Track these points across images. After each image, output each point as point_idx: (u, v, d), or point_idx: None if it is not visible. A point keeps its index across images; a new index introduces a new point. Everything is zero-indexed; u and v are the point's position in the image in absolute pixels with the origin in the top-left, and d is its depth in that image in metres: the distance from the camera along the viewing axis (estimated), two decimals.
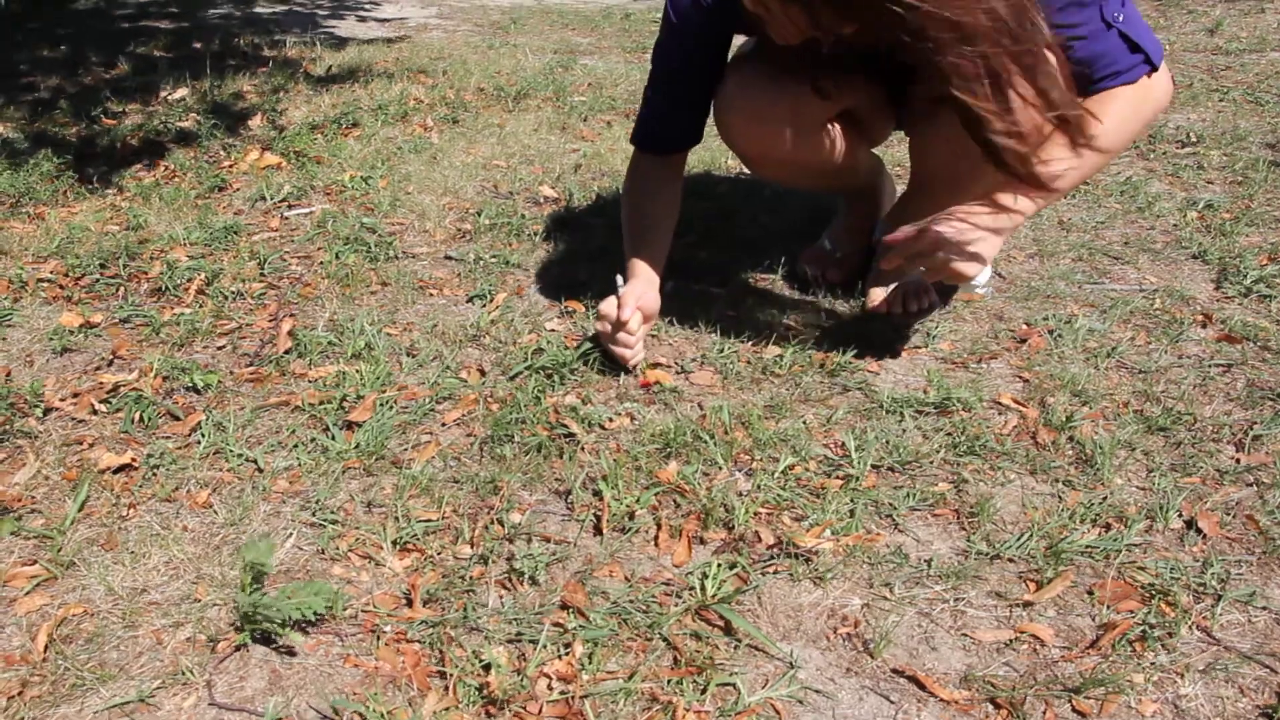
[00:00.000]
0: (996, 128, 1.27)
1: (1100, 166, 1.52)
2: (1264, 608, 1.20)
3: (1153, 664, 1.13)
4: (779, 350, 1.71)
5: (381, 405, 1.56)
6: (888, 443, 1.47)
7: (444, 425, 1.53)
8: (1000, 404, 1.58)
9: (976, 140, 1.30)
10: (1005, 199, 1.43)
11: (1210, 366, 1.67)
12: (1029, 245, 2.14)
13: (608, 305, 1.60)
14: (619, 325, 1.58)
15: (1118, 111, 1.45)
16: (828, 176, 1.76)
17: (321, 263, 2.06)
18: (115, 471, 1.43)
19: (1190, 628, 1.17)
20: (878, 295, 1.85)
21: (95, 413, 1.57)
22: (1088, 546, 1.27)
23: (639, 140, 1.76)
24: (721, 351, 1.71)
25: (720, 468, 1.44)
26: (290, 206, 2.39)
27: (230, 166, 2.66)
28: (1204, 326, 1.81)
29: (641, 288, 1.64)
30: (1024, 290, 1.93)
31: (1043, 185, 1.37)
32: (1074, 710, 1.07)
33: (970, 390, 1.60)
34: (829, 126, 1.67)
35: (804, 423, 1.53)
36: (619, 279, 1.65)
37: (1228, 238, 2.15)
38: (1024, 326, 1.79)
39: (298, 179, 2.52)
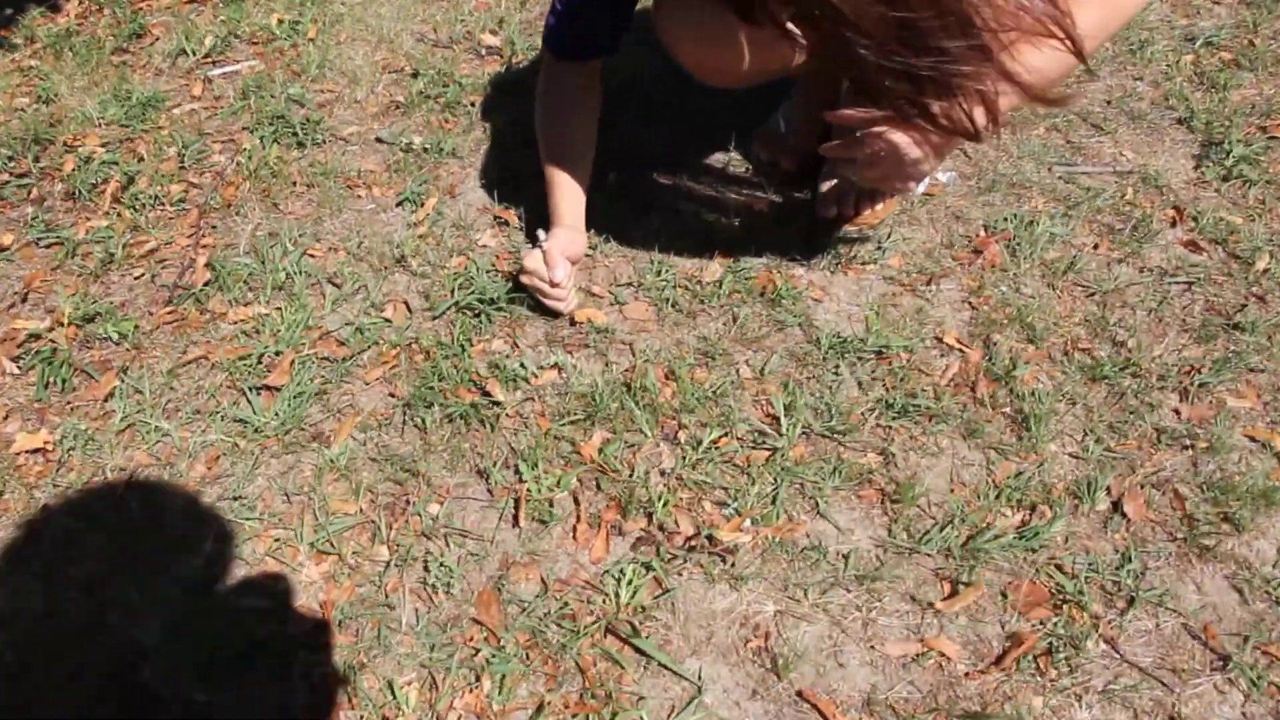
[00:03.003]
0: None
1: (1071, 68, 1.38)
2: (1174, 610, 1.21)
3: (1054, 684, 1.14)
4: (719, 271, 1.62)
5: (299, 366, 1.50)
6: (820, 401, 1.43)
7: (365, 385, 1.49)
8: (943, 343, 1.52)
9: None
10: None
11: (1170, 284, 1.59)
12: None
13: (533, 261, 1.51)
14: (549, 283, 1.50)
15: (1100, 8, 1.30)
16: (792, 75, 1.59)
17: (246, 150, 1.94)
18: (30, 453, 1.41)
19: (1097, 640, 1.18)
20: (829, 195, 1.73)
21: (5, 374, 1.53)
22: (1008, 544, 1.25)
23: (551, 45, 1.60)
24: (659, 274, 1.63)
25: (646, 437, 1.40)
26: (214, 64, 2.21)
27: (149, 3, 2.44)
28: (1173, 226, 1.70)
29: (566, 237, 1.54)
30: (988, 178, 1.80)
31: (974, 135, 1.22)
32: None
33: (913, 326, 1.53)
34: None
35: (736, 373, 1.48)
36: (541, 234, 1.55)
37: (1220, 92, 1.98)
38: (982, 233, 1.69)
39: (221, 25, 2.32)
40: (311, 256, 1.70)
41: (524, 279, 1.53)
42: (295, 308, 1.60)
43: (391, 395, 1.48)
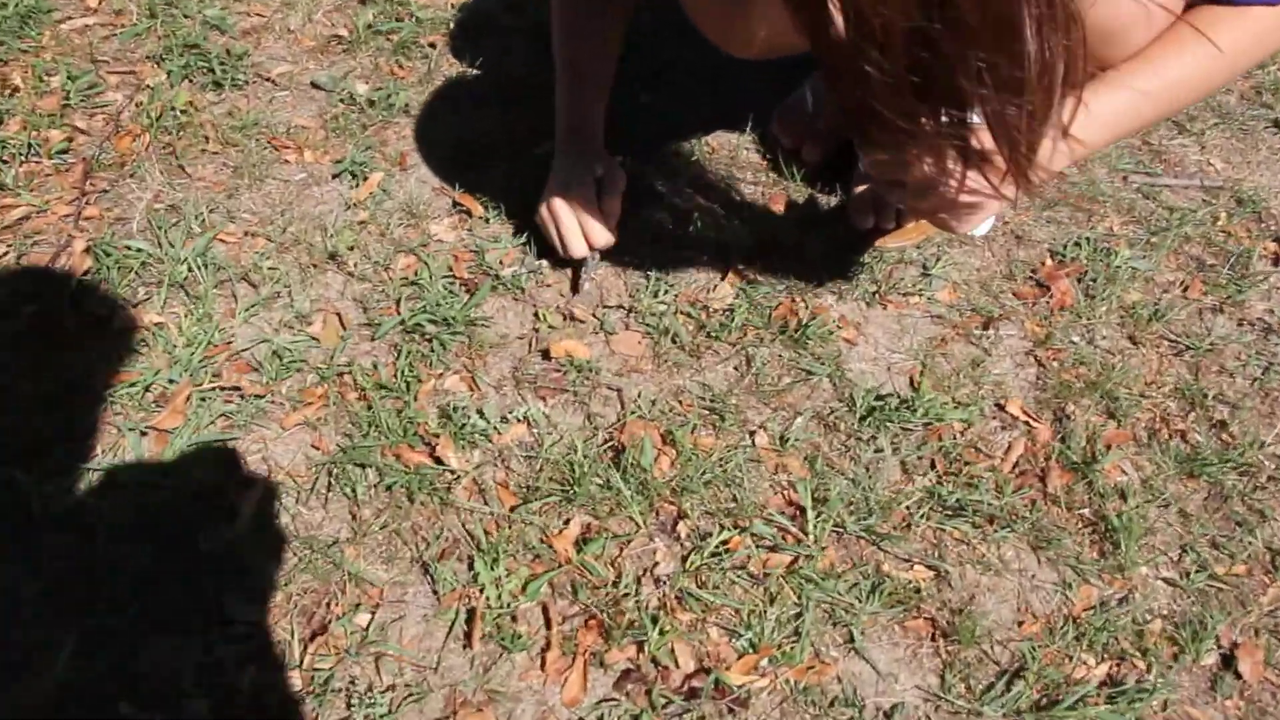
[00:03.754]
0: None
1: (1194, 100, 1.07)
2: None
3: None
4: (729, 295, 1.31)
5: (199, 402, 1.17)
6: (856, 488, 1.14)
7: (281, 432, 1.16)
8: (1006, 412, 1.22)
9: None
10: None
11: (1277, 346, 1.30)
12: None
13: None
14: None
15: (1242, 37, 0.99)
16: None
17: (149, 88, 1.56)
18: None
19: None
20: (863, 200, 1.41)
21: None
22: (1093, 716, 0.98)
23: None
24: (656, 294, 1.31)
25: (637, 527, 1.10)
26: None
27: None
28: (1275, 263, 1.41)
29: (619, 177, 1.31)
30: (1053, 188, 1.48)
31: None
32: None
33: (969, 386, 1.24)
34: None
35: (751, 439, 1.18)
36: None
37: None
38: (1048, 261, 1.39)
39: None
40: (223, 243, 1.36)
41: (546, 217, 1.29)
42: (198, 316, 1.26)
43: (315, 449, 1.16)
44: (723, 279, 1.34)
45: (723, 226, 1.40)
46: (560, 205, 1.24)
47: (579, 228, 1.25)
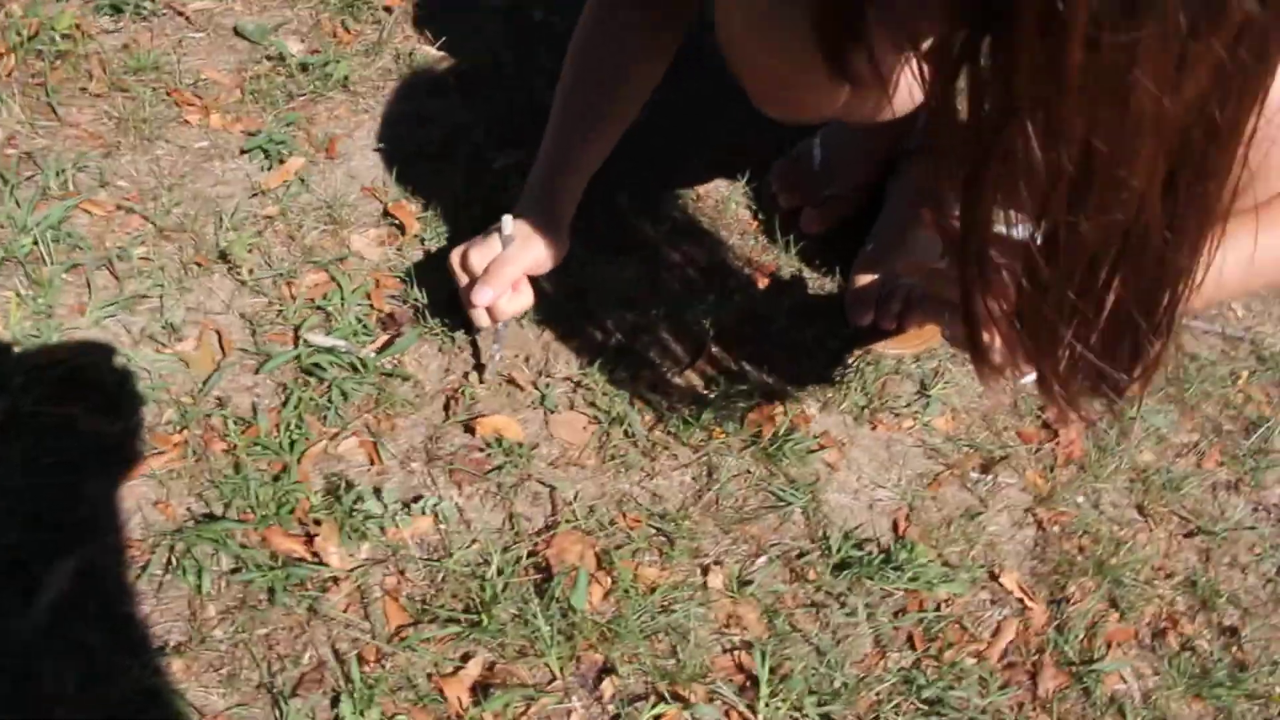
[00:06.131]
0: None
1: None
2: None
3: None
4: (698, 384, 1.09)
5: (17, 430, 0.90)
6: (819, 661, 0.94)
7: (119, 484, 0.90)
8: (999, 584, 1.03)
9: None
10: None
11: None
12: None
13: (479, 256, 0.96)
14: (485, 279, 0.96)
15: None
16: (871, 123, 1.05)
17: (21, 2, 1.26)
18: None
19: None
20: (865, 292, 1.21)
21: None
22: None
23: None
24: (612, 370, 1.08)
25: (552, 677, 0.88)
26: None
27: None
28: None
29: (539, 245, 1.00)
30: None
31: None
32: None
33: (960, 542, 1.05)
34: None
35: (702, 577, 0.97)
36: (506, 221, 0.96)
37: None
38: None
39: None
40: (86, 213, 1.08)
41: (453, 260, 0.99)
42: (35, 308, 0.99)
43: (159, 511, 0.90)
44: (692, 363, 1.12)
45: (699, 297, 1.17)
46: (476, 258, 0.99)
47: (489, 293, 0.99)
